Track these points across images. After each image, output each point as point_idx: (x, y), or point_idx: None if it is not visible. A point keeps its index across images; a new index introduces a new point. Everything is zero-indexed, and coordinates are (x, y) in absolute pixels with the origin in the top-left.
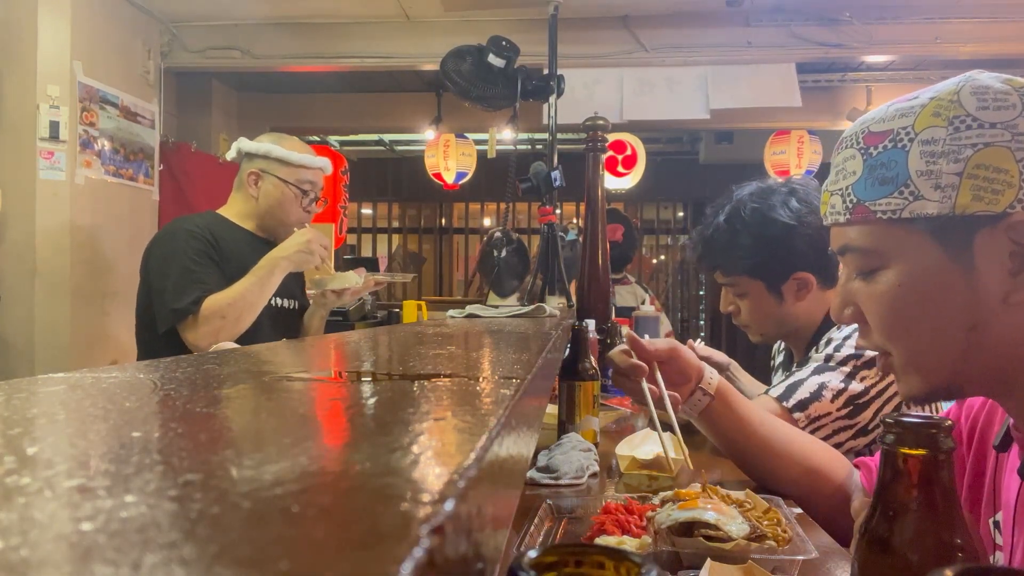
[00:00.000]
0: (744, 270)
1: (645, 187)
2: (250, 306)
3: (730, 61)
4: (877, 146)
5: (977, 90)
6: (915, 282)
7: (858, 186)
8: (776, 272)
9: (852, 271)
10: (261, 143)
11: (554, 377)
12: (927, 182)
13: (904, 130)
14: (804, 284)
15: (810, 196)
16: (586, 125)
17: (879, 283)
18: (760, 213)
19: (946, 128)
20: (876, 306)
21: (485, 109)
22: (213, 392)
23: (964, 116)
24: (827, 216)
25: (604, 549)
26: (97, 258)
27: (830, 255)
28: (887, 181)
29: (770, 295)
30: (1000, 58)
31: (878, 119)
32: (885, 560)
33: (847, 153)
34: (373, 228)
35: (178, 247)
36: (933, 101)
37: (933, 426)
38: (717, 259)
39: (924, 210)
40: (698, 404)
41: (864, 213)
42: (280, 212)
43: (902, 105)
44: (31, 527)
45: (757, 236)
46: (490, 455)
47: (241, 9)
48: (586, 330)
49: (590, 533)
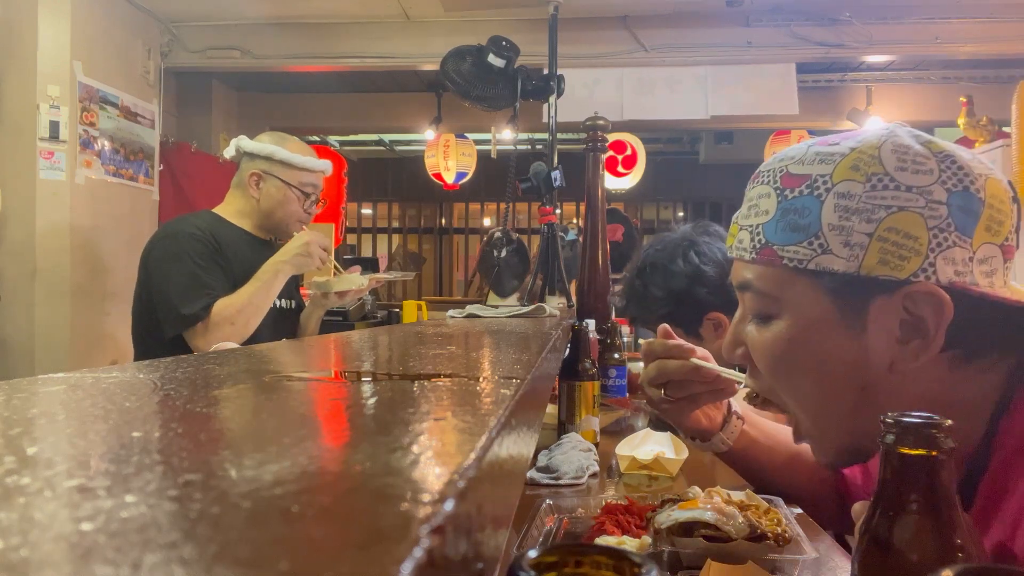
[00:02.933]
0: (659, 319)
1: (645, 187)
2: (257, 311)
3: (730, 61)
4: (793, 190)
5: (898, 148)
6: (808, 337)
7: (769, 227)
8: (688, 318)
9: (747, 312)
10: (263, 143)
11: (554, 377)
12: (837, 237)
13: (822, 178)
14: (718, 323)
15: (708, 247)
16: (586, 125)
17: (771, 331)
18: (661, 268)
19: (863, 184)
20: (767, 356)
21: (485, 109)
22: (213, 392)
23: (882, 175)
24: (732, 248)
25: (604, 549)
26: (97, 258)
27: (733, 293)
28: (798, 228)
29: (690, 338)
30: (1000, 58)
31: (797, 160)
32: (885, 560)
33: (762, 190)
34: (373, 228)
35: (181, 250)
36: (854, 152)
37: (933, 426)
38: (635, 311)
39: (831, 265)
40: (733, 432)
41: (770, 256)
42: (281, 213)
43: (823, 150)
44: (31, 527)
45: (663, 288)
46: (490, 455)
47: (241, 9)
48: (586, 330)
49: (590, 533)
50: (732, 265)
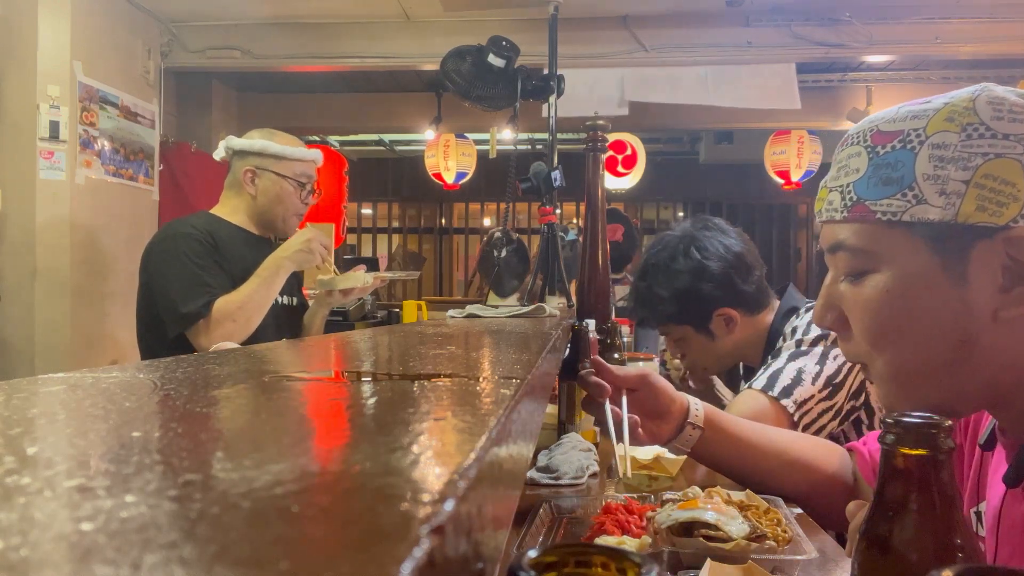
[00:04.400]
0: (668, 319)
1: (645, 187)
2: (258, 308)
3: (730, 61)
4: (885, 145)
5: (993, 100)
6: (906, 289)
7: (860, 184)
8: (698, 314)
9: (840, 273)
10: (253, 140)
11: (554, 377)
12: (933, 186)
13: (915, 132)
14: (729, 319)
15: (708, 240)
16: (586, 125)
17: (867, 287)
18: (663, 267)
19: (958, 134)
20: (862, 312)
21: (485, 109)
22: (213, 392)
23: (978, 124)
24: (822, 212)
25: (604, 549)
26: (97, 258)
27: (742, 286)
28: (891, 182)
29: (701, 335)
30: (1000, 58)
31: (888, 119)
32: (885, 560)
33: (852, 150)
34: (373, 228)
35: (179, 250)
36: (947, 106)
37: (933, 426)
38: (645, 312)
39: (926, 215)
40: (689, 439)
41: (862, 212)
42: (279, 207)
43: (914, 108)
44: (31, 527)
45: (667, 288)
46: (490, 455)
47: (241, 9)
48: (586, 330)
49: (590, 533)
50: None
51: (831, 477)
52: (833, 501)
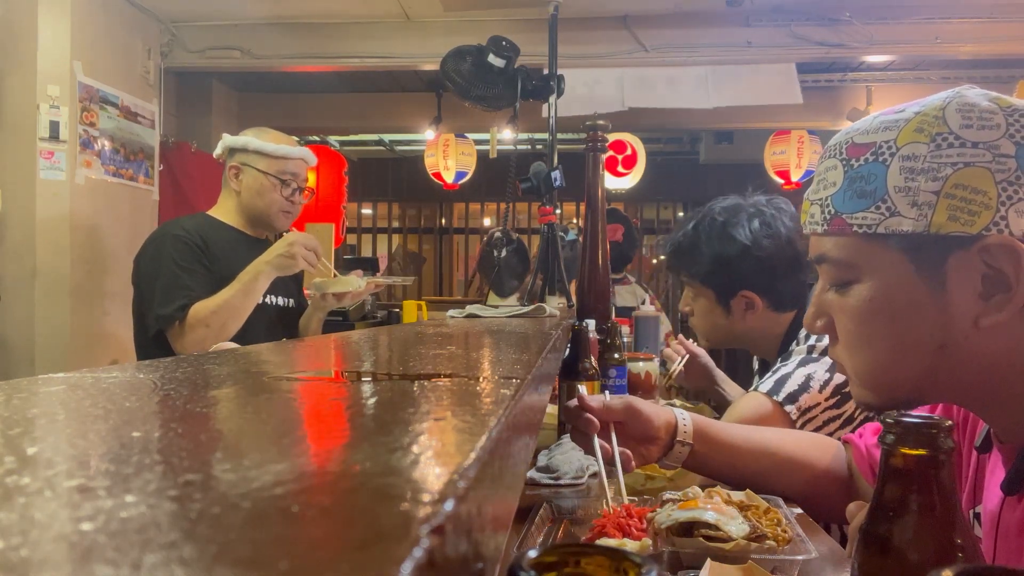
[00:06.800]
0: (699, 276)
1: (645, 187)
2: (234, 314)
3: (730, 61)
4: (859, 158)
5: (963, 107)
6: (886, 298)
7: (837, 197)
8: (725, 285)
9: (827, 282)
10: (240, 136)
11: (554, 377)
12: (904, 199)
13: (887, 144)
14: (751, 303)
15: (776, 221)
16: (586, 125)
17: (851, 297)
18: (722, 227)
19: (927, 145)
20: (847, 320)
21: (485, 109)
22: (213, 392)
23: (947, 134)
24: (806, 225)
25: (604, 549)
26: (97, 258)
27: (780, 281)
28: (865, 195)
29: (718, 306)
30: (1000, 58)
31: (863, 131)
32: (884, 560)
33: (829, 163)
34: (373, 228)
35: (165, 251)
36: (918, 116)
37: (933, 426)
38: (680, 261)
39: (899, 227)
40: (680, 456)
41: (840, 225)
42: (260, 203)
43: (887, 118)
44: (31, 527)
45: (715, 248)
46: (490, 455)
47: (241, 9)
48: (586, 330)
49: (590, 535)
50: (791, 245)
51: (825, 472)
52: (829, 496)
